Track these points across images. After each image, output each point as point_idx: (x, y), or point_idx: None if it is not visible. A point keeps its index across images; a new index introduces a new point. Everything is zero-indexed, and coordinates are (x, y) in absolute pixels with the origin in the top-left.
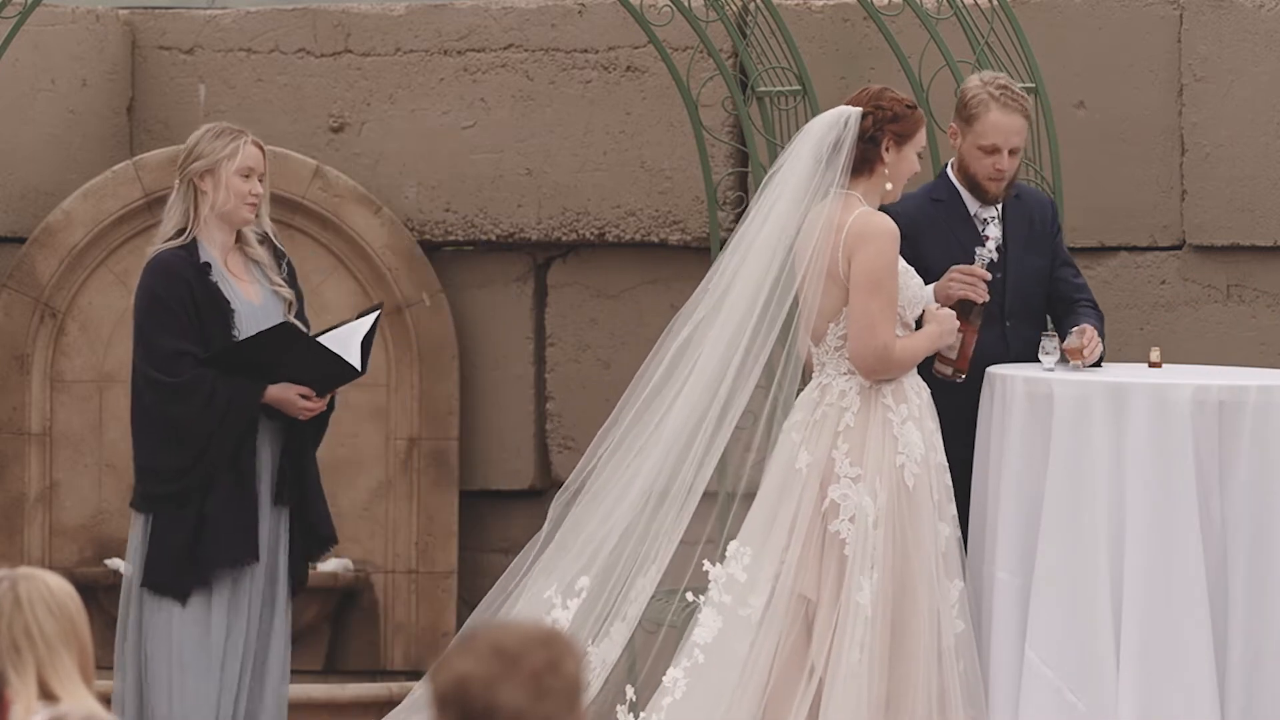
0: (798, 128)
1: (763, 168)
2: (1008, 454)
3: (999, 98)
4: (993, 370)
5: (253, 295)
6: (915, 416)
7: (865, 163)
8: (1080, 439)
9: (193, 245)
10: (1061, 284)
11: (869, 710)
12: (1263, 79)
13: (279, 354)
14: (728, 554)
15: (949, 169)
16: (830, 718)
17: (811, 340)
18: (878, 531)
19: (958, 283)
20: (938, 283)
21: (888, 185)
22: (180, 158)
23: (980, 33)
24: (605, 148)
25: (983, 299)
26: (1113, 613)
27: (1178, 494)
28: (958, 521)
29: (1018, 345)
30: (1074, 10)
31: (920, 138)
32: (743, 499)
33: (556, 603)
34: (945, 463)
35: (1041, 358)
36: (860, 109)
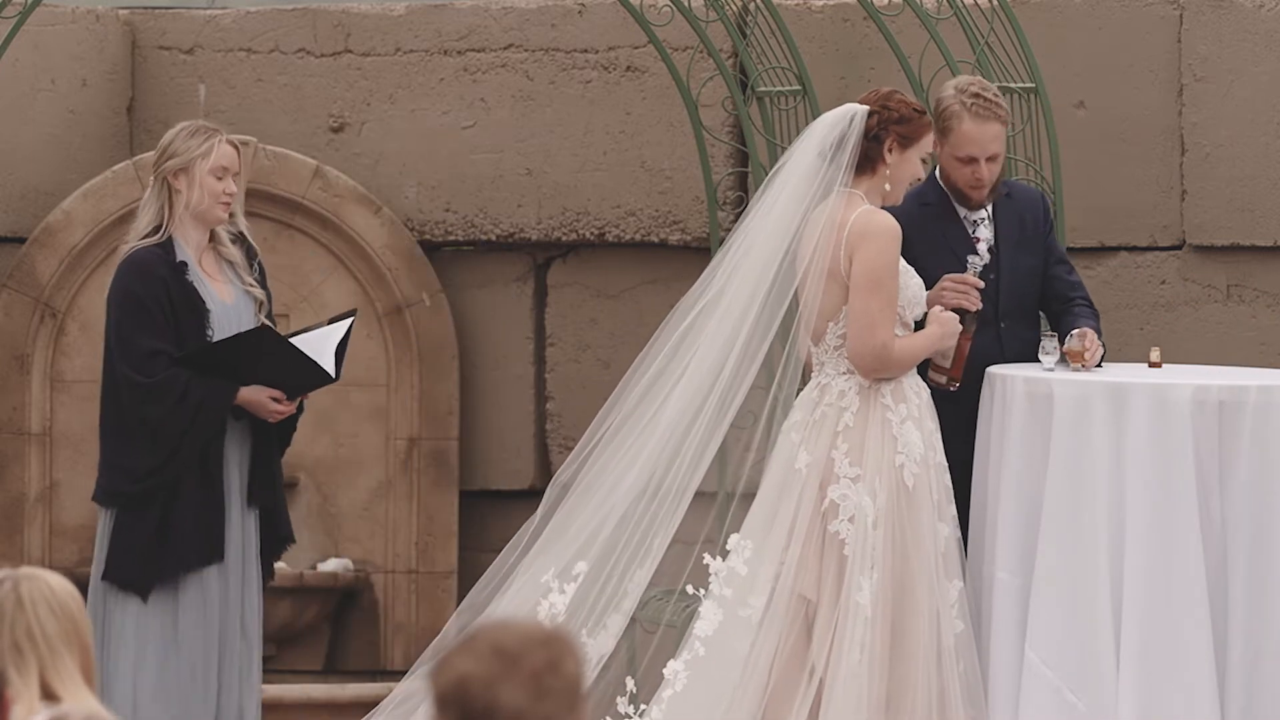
0: (798, 128)
1: (763, 168)
2: (1008, 454)
3: (971, 107)
4: (993, 370)
5: (226, 295)
6: (915, 416)
7: (868, 161)
8: (1080, 439)
9: (168, 243)
10: (1056, 282)
11: (869, 710)
12: (1263, 79)
13: (254, 357)
14: (728, 547)
15: (936, 173)
16: (830, 718)
17: (811, 339)
18: (877, 532)
19: (950, 292)
20: (930, 292)
21: (886, 186)
22: (155, 155)
23: (980, 33)
24: (605, 148)
25: (975, 307)
26: (1113, 613)
27: (1178, 494)
28: (957, 522)
29: (1013, 346)
30: (1074, 10)
31: (926, 143)
32: (742, 498)
33: (554, 587)
34: (945, 463)
35: (1041, 358)
36: (867, 107)
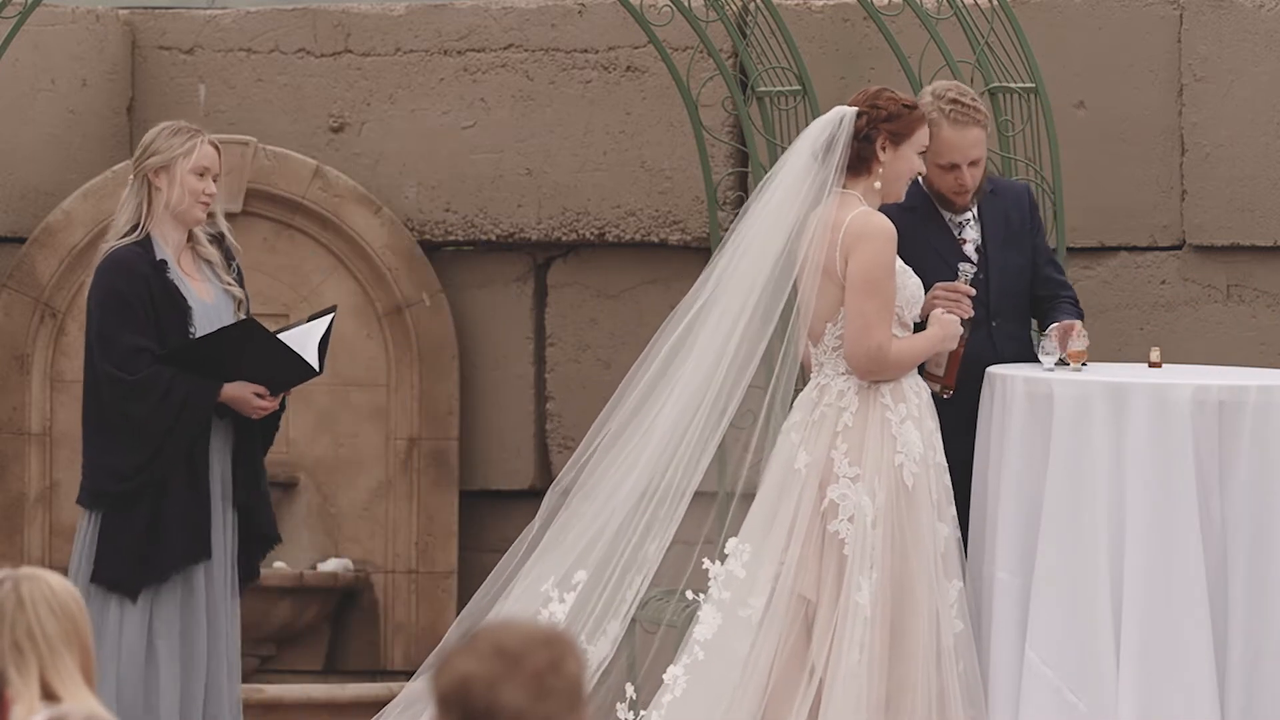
0: (798, 128)
1: (763, 168)
2: (1008, 454)
3: (949, 114)
4: (993, 370)
5: (205, 294)
6: (914, 416)
7: (861, 161)
8: (1080, 439)
9: (147, 242)
10: (1047, 281)
11: (868, 710)
12: (1263, 79)
13: (238, 351)
14: (727, 551)
15: (920, 179)
16: (829, 718)
17: (810, 340)
18: (876, 531)
19: (942, 300)
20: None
21: (879, 185)
22: (136, 154)
23: (980, 33)
24: (605, 148)
25: (967, 315)
26: (1113, 613)
27: (1178, 494)
28: (957, 521)
29: (1005, 344)
30: (1074, 10)
31: (920, 138)
32: (742, 499)
33: (553, 596)
34: (945, 463)
35: (1041, 358)
36: (856, 108)
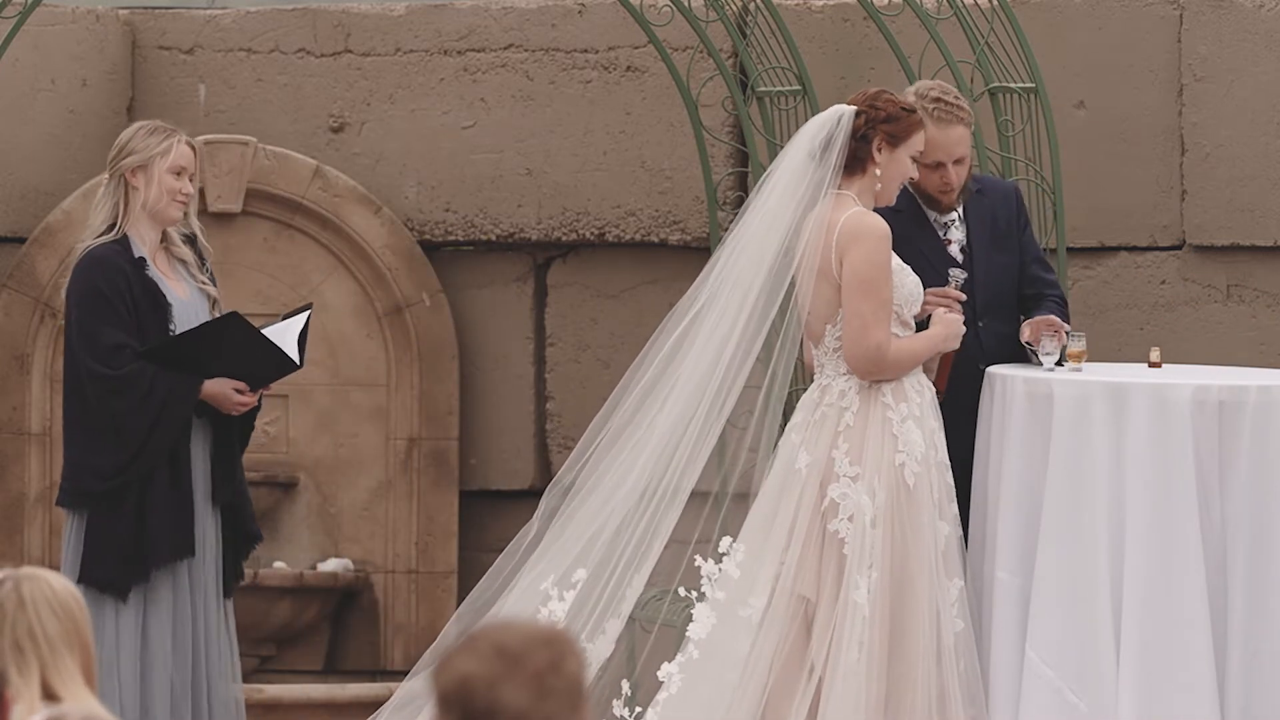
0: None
1: (763, 168)
2: (1008, 454)
3: (934, 113)
4: (993, 370)
5: (182, 292)
6: (916, 415)
7: (858, 162)
8: (1080, 439)
9: (124, 240)
10: (1034, 280)
11: (868, 709)
12: (1263, 79)
13: (218, 346)
14: (720, 549)
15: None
16: (829, 717)
17: (811, 342)
18: (876, 531)
19: (932, 305)
20: None
21: (878, 186)
22: (112, 153)
23: (980, 33)
24: (605, 148)
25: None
26: (1113, 613)
27: (1178, 494)
28: (959, 520)
29: (992, 344)
30: (1074, 10)
31: (916, 141)
32: (739, 499)
33: (553, 594)
34: (947, 461)
35: (1041, 358)
36: (855, 107)
